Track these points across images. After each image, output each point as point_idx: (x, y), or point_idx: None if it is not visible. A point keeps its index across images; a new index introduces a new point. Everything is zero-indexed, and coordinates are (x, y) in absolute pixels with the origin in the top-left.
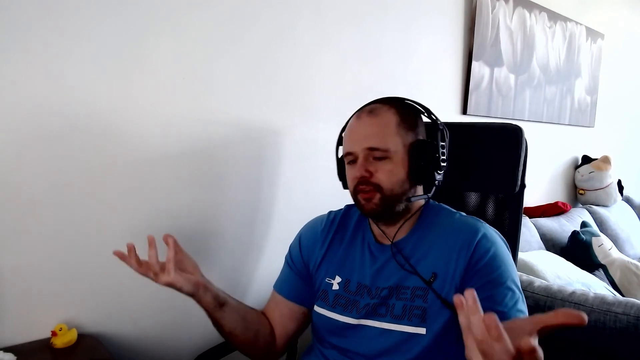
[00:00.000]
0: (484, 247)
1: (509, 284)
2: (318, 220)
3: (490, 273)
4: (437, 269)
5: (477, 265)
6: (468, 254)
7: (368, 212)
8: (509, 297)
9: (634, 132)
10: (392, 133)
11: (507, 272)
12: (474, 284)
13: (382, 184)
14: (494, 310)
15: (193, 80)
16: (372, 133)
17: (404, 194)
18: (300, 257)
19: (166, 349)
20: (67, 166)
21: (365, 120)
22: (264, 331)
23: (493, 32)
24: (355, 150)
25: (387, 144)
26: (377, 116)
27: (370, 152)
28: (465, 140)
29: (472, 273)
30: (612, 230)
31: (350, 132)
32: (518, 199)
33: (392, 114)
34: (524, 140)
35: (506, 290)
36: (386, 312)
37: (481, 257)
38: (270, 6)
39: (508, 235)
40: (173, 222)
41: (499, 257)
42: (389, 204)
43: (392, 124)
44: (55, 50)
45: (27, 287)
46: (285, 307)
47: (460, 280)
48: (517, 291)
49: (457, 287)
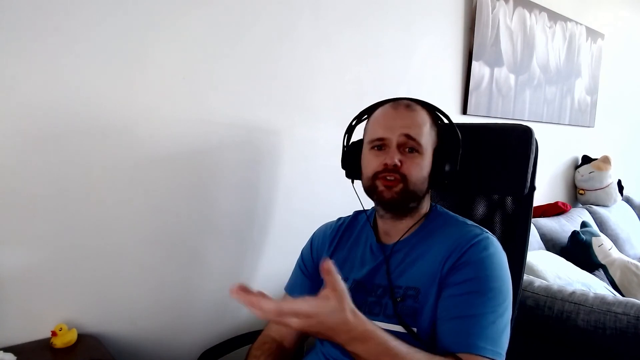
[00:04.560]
0: (476, 249)
1: (489, 289)
2: (328, 224)
3: (475, 271)
4: (428, 272)
5: (465, 263)
6: (459, 254)
7: (387, 200)
8: (480, 301)
9: (634, 132)
10: (426, 132)
11: (492, 278)
12: (455, 279)
13: (409, 176)
14: (462, 310)
15: (193, 80)
16: (410, 124)
17: (422, 192)
18: (311, 260)
19: (166, 349)
20: (67, 166)
21: (403, 111)
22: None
23: (493, 32)
24: (390, 136)
25: (422, 138)
26: (415, 111)
27: (406, 141)
28: (474, 142)
29: (456, 269)
30: (612, 230)
31: (385, 118)
32: (528, 201)
33: (425, 114)
34: (534, 141)
35: (481, 294)
36: (379, 312)
37: (471, 257)
38: (270, 6)
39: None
40: (173, 222)
41: (488, 262)
42: (409, 196)
43: (427, 123)
44: (55, 51)
45: (27, 287)
46: None
47: (445, 276)
48: (497, 300)
49: (441, 282)
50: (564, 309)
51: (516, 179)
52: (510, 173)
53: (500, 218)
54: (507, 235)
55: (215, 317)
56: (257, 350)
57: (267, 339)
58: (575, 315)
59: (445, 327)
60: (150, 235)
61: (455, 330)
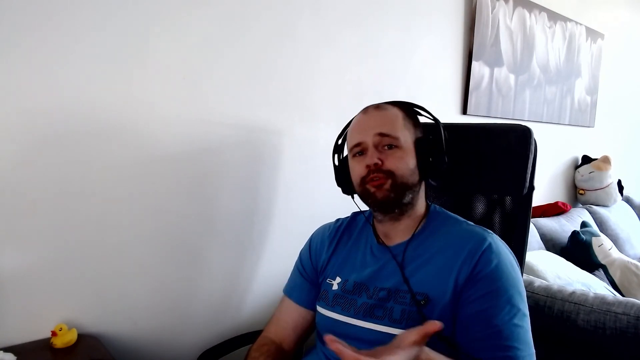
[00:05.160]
0: (487, 258)
1: (508, 297)
2: (326, 226)
3: (490, 284)
4: (437, 278)
5: (479, 276)
6: (472, 264)
7: (380, 200)
8: (505, 311)
9: (634, 132)
10: (400, 126)
11: (508, 285)
12: (473, 293)
13: (395, 170)
14: (490, 322)
15: (193, 80)
16: (381, 122)
17: (413, 184)
18: (309, 262)
19: (166, 349)
20: (67, 166)
21: (373, 113)
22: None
23: (493, 32)
24: (365, 139)
25: (397, 133)
26: (385, 109)
27: (381, 139)
28: (473, 141)
29: (472, 283)
30: (612, 230)
31: (358, 124)
32: (527, 201)
33: (397, 110)
34: (533, 141)
35: (504, 303)
36: (384, 315)
37: (483, 268)
38: (270, 6)
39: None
40: (173, 222)
41: (501, 269)
42: (400, 190)
43: (399, 117)
44: (55, 51)
45: (27, 287)
46: (295, 312)
47: (460, 290)
48: (518, 305)
49: (457, 298)
50: (564, 309)
51: (515, 178)
52: (509, 173)
53: (500, 218)
54: (506, 235)
55: (215, 317)
56: (256, 352)
57: (266, 340)
58: (575, 315)
59: (477, 345)
60: (150, 235)
61: (489, 346)
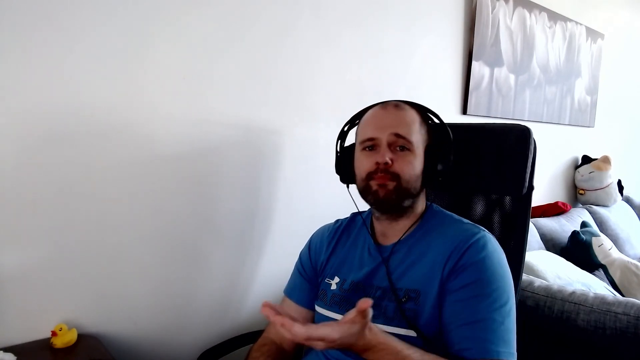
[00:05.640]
0: (474, 250)
1: (492, 290)
2: (326, 227)
3: (474, 275)
4: (429, 274)
5: (464, 266)
6: (458, 255)
7: (382, 199)
8: (486, 303)
9: (634, 132)
10: (416, 130)
11: (493, 279)
12: (456, 283)
13: (401, 174)
14: (470, 315)
15: (193, 80)
16: (399, 122)
17: (416, 190)
18: (309, 262)
19: (166, 349)
20: (67, 166)
21: (391, 111)
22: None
23: (493, 32)
24: (380, 136)
25: (411, 136)
26: (404, 110)
27: (396, 140)
28: (472, 141)
29: (456, 273)
30: (612, 230)
31: (375, 119)
32: (526, 201)
33: (415, 113)
34: (532, 141)
35: (485, 297)
36: (379, 314)
37: (469, 259)
38: (270, 6)
39: (516, 238)
40: (173, 222)
41: (488, 262)
42: (403, 195)
43: (416, 121)
44: (55, 51)
45: (27, 287)
46: (295, 312)
47: (445, 280)
48: (501, 300)
49: (442, 289)
50: (564, 309)
51: (515, 178)
52: (508, 173)
53: (499, 217)
54: (505, 235)
55: (215, 317)
56: (256, 352)
57: (267, 340)
58: (575, 315)
59: (455, 334)
60: (151, 235)
61: (467, 337)
